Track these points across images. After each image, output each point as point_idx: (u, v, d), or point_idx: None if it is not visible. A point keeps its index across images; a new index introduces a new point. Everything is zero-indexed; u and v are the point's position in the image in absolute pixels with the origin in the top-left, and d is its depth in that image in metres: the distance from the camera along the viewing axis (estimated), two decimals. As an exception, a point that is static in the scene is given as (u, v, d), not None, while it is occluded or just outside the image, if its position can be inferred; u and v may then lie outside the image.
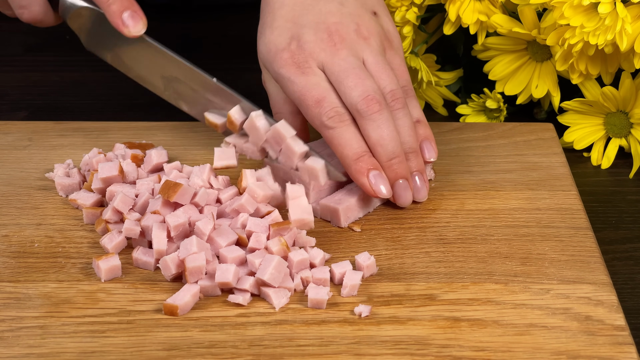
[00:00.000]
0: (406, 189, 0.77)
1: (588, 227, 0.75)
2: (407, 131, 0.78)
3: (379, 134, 0.76)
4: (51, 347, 0.64)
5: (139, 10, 0.80)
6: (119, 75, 0.92)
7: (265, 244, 0.70)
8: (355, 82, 0.77)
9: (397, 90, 0.78)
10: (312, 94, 0.77)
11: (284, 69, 0.79)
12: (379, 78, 0.79)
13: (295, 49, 0.79)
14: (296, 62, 0.78)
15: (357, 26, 0.80)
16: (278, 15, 0.81)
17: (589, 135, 0.89)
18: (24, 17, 0.82)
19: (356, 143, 0.77)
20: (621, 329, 0.65)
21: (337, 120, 0.77)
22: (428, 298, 0.68)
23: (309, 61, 0.78)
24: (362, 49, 0.79)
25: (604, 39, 0.81)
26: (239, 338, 0.64)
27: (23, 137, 0.87)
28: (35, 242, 0.73)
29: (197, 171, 0.77)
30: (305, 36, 0.79)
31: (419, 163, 0.78)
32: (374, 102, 0.76)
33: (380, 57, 0.79)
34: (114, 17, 0.79)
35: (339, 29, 0.79)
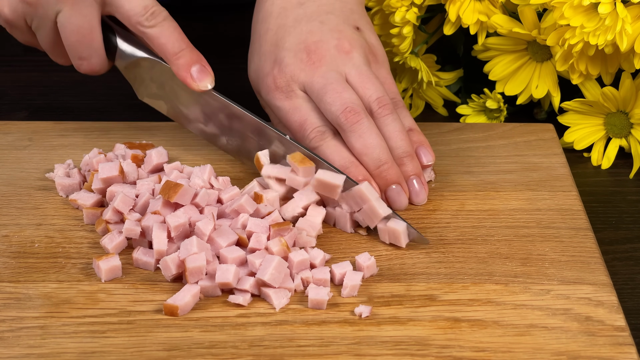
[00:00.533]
0: (399, 194, 0.77)
1: (588, 228, 0.75)
2: (398, 135, 0.78)
3: (362, 143, 0.76)
4: (51, 348, 0.64)
5: (207, 65, 0.80)
6: (119, 75, 0.92)
7: (265, 245, 0.70)
8: (332, 98, 0.77)
9: (384, 97, 0.78)
10: (295, 118, 0.79)
11: (269, 95, 0.80)
12: (364, 88, 0.79)
13: (277, 74, 0.80)
14: (279, 86, 0.79)
15: (338, 41, 0.80)
16: (263, 40, 0.82)
17: (589, 136, 0.89)
18: (82, 68, 0.82)
19: (338, 156, 0.77)
20: (621, 329, 0.65)
21: (318, 140, 0.77)
22: (428, 298, 0.68)
23: (291, 84, 0.79)
24: (344, 63, 0.79)
25: (604, 39, 0.81)
26: (239, 338, 0.64)
27: (23, 137, 0.87)
28: (35, 242, 0.73)
29: (197, 171, 0.77)
30: (286, 59, 0.80)
31: (415, 166, 0.78)
32: (352, 114, 0.76)
33: (364, 67, 0.80)
34: (182, 70, 0.79)
35: (318, 47, 0.80)
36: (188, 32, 0.86)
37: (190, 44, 0.80)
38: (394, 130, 0.78)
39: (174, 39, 0.79)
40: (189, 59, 0.79)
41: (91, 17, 0.79)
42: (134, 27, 0.79)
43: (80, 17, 0.78)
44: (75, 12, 0.78)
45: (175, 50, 0.79)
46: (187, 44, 0.80)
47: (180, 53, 0.79)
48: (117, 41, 0.81)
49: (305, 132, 0.78)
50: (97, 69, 0.82)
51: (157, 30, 0.79)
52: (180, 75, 0.79)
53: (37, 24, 0.81)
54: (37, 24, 0.81)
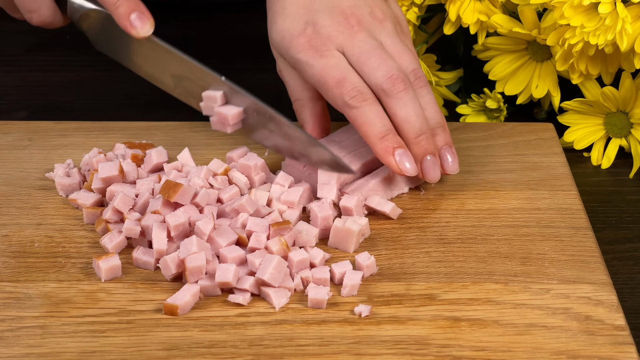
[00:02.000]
0: (435, 165, 0.78)
1: (588, 227, 0.75)
2: (433, 107, 0.79)
3: (406, 112, 0.77)
4: (51, 347, 0.64)
5: (145, 11, 0.80)
6: (119, 75, 0.92)
7: (265, 244, 0.70)
8: (378, 63, 0.77)
9: (419, 69, 0.79)
10: (333, 74, 0.77)
11: (302, 54, 0.79)
12: (400, 58, 0.79)
13: (311, 34, 0.79)
14: (314, 46, 0.78)
15: (371, 9, 0.80)
16: (288, 3, 0.81)
17: (589, 135, 0.89)
18: (34, 20, 0.82)
19: (380, 122, 0.77)
20: (621, 328, 0.65)
21: (359, 100, 0.77)
22: (428, 298, 0.68)
23: (327, 44, 0.78)
24: (379, 31, 0.80)
25: (604, 39, 0.81)
26: (239, 338, 0.64)
27: (23, 137, 0.87)
28: (35, 241, 0.73)
29: (195, 171, 0.77)
30: (321, 20, 0.79)
31: (446, 137, 0.79)
32: (399, 81, 0.77)
33: (397, 38, 0.80)
34: (122, 19, 0.79)
35: (354, 12, 0.80)
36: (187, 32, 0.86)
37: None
38: (429, 102, 0.79)
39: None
40: (127, 7, 0.79)
41: None
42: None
43: None
44: None
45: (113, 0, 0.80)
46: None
47: (119, 2, 0.79)
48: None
49: (344, 89, 0.77)
50: (49, 20, 0.82)
51: None
52: (121, 23, 0.79)
53: None
54: None
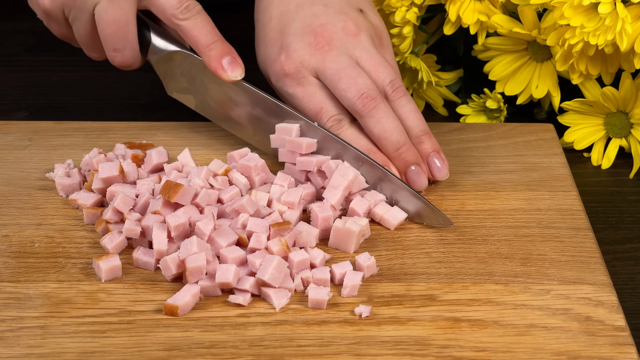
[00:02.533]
0: (419, 174, 0.78)
1: (588, 228, 0.75)
2: (414, 115, 0.79)
3: (380, 128, 0.77)
4: (51, 347, 0.64)
5: (237, 56, 0.81)
6: (119, 75, 0.92)
7: (265, 244, 0.70)
8: (347, 84, 0.78)
9: (397, 79, 0.80)
10: (310, 106, 0.79)
11: (280, 82, 0.81)
12: (376, 71, 0.80)
13: (284, 60, 0.80)
14: (288, 73, 0.80)
15: (344, 23, 0.80)
16: (268, 28, 0.82)
17: (589, 136, 0.89)
18: (116, 60, 0.83)
19: (357, 143, 0.78)
20: (621, 329, 0.65)
21: (336, 128, 0.78)
22: (428, 298, 0.68)
23: (301, 70, 0.80)
24: (353, 46, 0.80)
25: (604, 39, 0.81)
26: (240, 338, 0.64)
27: (23, 137, 0.87)
28: (35, 242, 0.73)
29: (196, 171, 0.77)
30: (293, 44, 0.80)
31: (433, 143, 0.80)
32: (368, 100, 0.77)
33: (373, 50, 0.80)
34: (214, 61, 0.80)
35: (325, 30, 0.80)
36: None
37: (221, 36, 0.82)
38: (410, 111, 0.80)
39: (207, 32, 0.81)
40: (220, 51, 0.81)
41: (127, 10, 0.81)
42: (169, 20, 0.81)
43: (117, 9, 0.80)
44: (112, 4, 0.80)
45: (208, 42, 0.81)
46: (218, 36, 0.81)
47: (212, 45, 0.81)
48: (151, 36, 0.83)
49: (321, 121, 0.79)
50: (130, 62, 0.84)
51: (190, 23, 0.81)
52: (212, 66, 0.81)
53: (75, 15, 0.82)
54: (74, 16, 0.82)
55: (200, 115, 0.88)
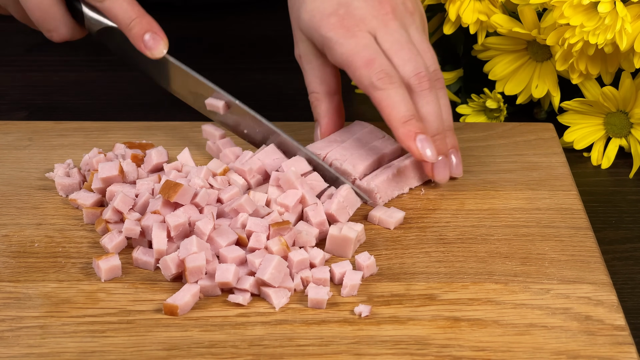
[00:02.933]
0: (445, 166, 0.78)
1: (588, 227, 0.75)
2: (447, 109, 0.80)
3: (427, 110, 0.78)
4: (51, 347, 0.64)
5: (159, 31, 0.81)
6: (119, 75, 0.92)
7: (265, 244, 0.70)
8: (409, 57, 0.78)
9: (439, 70, 0.80)
10: (363, 54, 0.77)
11: (332, 32, 0.78)
12: (425, 57, 0.80)
13: (344, 14, 0.79)
14: (346, 25, 0.78)
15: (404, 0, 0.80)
16: None
17: (589, 135, 0.89)
18: (54, 38, 0.84)
19: (405, 106, 0.77)
20: (621, 328, 0.65)
21: (387, 82, 0.77)
22: (428, 298, 0.68)
23: (360, 25, 0.78)
24: (410, 23, 0.80)
25: (603, 38, 0.81)
26: (239, 338, 0.64)
27: (23, 137, 0.87)
28: (35, 242, 0.73)
29: (195, 171, 0.77)
30: (355, 2, 0.79)
31: (454, 140, 0.80)
32: (425, 80, 0.78)
33: (424, 35, 0.81)
34: (136, 40, 0.80)
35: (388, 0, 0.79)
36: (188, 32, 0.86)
37: (141, 11, 0.81)
38: (445, 104, 0.80)
39: (124, 10, 0.80)
40: (140, 28, 0.80)
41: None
42: (89, 2, 0.81)
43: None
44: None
45: (127, 21, 0.80)
46: (137, 12, 0.81)
47: (132, 23, 0.80)
48: (83, 9, 0.83)
49: (373, 70, 0.77)
50: (68, 36, 0.84)
51: (107, 4, 0.81)
52: (136, 44, 0.81)
53: (5, 2, 0.84)
54: (4, 3, 0.84)
55: (200, 116, 0.89)
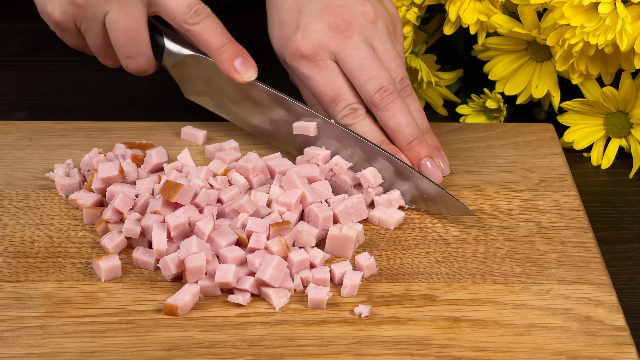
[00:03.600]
0: (433, 167, 0.79)
1: (588, 228, 0.75)
2: (419, 114, 0.81)
3: (395, 122, 0.79)
4: (51, 347, 0.64)
5: (249, 57, 0.82)
6: (119, 75, 0.92)
7: (265, 244, 0.70)
8: (369, 75, 0.78)
9: (406, 77, 0.81)
10: (327, 91, 0.79)
11: (295, 62, 0.80)
12: (391, 65, 0.80)
13: (300, 39, 0.80)
14: (305, 53, 0.79)
15: (363, 8, 0.81)
16: (283, 9, 0.82)
17: (589, 136, 0.89)
18: (130, 67, 0.84)
19: (372, 134, 0.79)
20: (621, 329, 0.65)
21: (352, 117, 0.79)
22: (428, 298, 0.68)
23: (320, 53, 0.79)
24: (371, 34, 0.80)
25: (604, 39, 0.81)
26: (239, 338, 0.64)
27: (23, 137, 0.87)
28: (35, 242, 0.73)
29: (195, 171, 0.77)
30: (311, 25, 0.80)
31: (434, 140, 0.81)
32: (387, 94, 0.78)
33: (389, 43, 0.81)
34: (226, 64, 0.81)
35: (345, 13, 0.80)
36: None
37: (232, 38, 0.82)
38: (415, 109, 0.81)
39: (217, 35, 0.81)
40: (231, 53, 0.81)
41: (138, 17, 0.81)
42: (179, 25, 0.82)
43: (127, 17, 0.81)
44: (122, 12, 0.81)
45: (219, 45, 0.81)
46: (229, 38, 0.82)
47: (223, 47, 0.81)
48: (164, 41, 0.84)
49: (337, 107, 0.79)
50: (145, 68, 0.84)
51: (200, 27, 0.81)
52: (224, 68, 0.81)
53: (86, 25, 0.83)
54: (86, 26, 0.83)
55: (200, 116, 0.89)
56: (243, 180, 0.77)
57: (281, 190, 0.76)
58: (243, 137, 0.86)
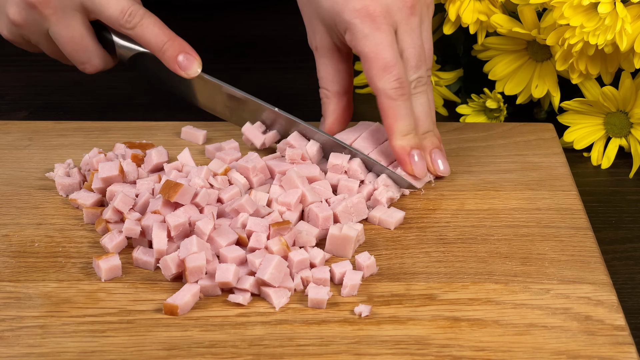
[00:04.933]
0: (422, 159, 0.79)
1: (588, 227, 0.75)
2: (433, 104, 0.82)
3: (420, 111, 0.79)
4: (51, 347, 0.64)
5: (192, 52, 0.83)
6: (119, 75, 0.92)
7: (265, 244, 0.70)
8: (417, 63, 0.79)
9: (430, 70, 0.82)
10: (384, 56, 0.77)
11: (358, 19, 0.77)
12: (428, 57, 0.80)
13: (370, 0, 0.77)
14: (371, 13, 0.77)
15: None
16: None
17: (589, 135, 0.89)
18: (87, 71, 0.87)
19: (408, 120, 0.78)
20: (621, 328, 0.65)
21: (399, 93, 0.77)
22: (428, 298, 0.68)
23: (387, 17, 0.78)
24: (425, 19, 0.80)
25: (603, 38, 0.81)
26: (239, 338, 0.64)
27: (23, 137, 0.87)
28: (35, 241, 0.74)
29: (195, 171, 0.77)
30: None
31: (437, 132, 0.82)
32: (422, 82, 0.79)
33: (430, 32, 0.81)
34: (170, 62, 0.82)
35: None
36: (188, 32, 0.86)
37: (172, 34, 0.83)
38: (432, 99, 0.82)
39: (155, 34, 0.82)
40: (172, 51, 0.82)
41: (78, 26, 0.84)
42: (119, 29, 0.84)
43: (67, 28, 0.83)
44: (61, 25, 0.83)
45: (159, 45, 0.82)
46: (168, 35, 0.83)
47: (164, 47, 0.82)
48: (114, 38, 0.85)
49: (389, 77, 0.77)
50: (101, 67, 0.86)
51: (138, 30, 0.83)
52: (170, 66, 0.83)
53: (35, 39, 0.86)
54: (35, 40, 0.86)
55: (200, 116, 0.89)
56: (243, 180, 0.77)
57: (281, 190, 0.76)
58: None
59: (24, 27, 0.84)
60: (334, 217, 0.74)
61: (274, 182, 0.77)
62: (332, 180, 0.78)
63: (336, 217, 0.74)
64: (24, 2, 0.82)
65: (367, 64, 0.78)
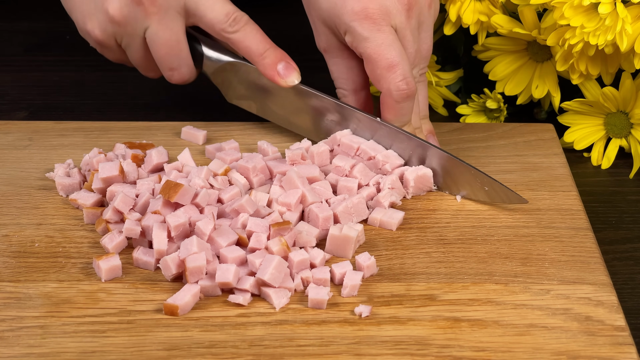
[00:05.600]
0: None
1: (588, 228, 0.75)
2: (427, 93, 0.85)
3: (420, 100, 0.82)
4: (51, 347, 0.64)
5: (291, 61, 0.82)
6: (119, 75, 0.92)
7: (265, 244, 0.70)
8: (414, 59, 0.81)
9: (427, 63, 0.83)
10: (387, 55, 0.78)
11: (357, 22, 0.78)
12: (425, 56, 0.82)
13: (368, 2, 0.78)
14: (370, 15, 0.78)
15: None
16: None
17: (589, 136, 0.89)
18: (173, 78, 0.86)
19: (408, 117, 0.80)
20: (621, 329, 0.65)
21: (405, 95, 0.78)
22: (428, 298, 0.68)
23: (386, 19, 0.78)
24: (424, 19, 0.81)
25: (604, 39, 0.81)
26: (239, 338, 0.64)
27: (23, 137, 0.87)
28: (35, 242, 0.73)
29: (196, 171, 0.77)
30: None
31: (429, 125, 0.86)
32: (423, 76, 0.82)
33: (431, 31, 0.82)
34: (269, 69, 0.82)
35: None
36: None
37: (272, 43, 0.83)
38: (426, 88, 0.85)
39: (258, 41, 0.82)
40: (273, 58, 0.82)
41: (177, 30, 0.83)
42: (218, 34, 0.83)
43: (167, 30, 0.82)
44: (162, 26, 0.82)
45: (260, 51, 0.82)
46: (270, 43, 0.82)
47: (265, 53, 0.82)
48: (203, 49, 0.85)
49: (394, 76, 0.78)
50: (187, 77, 0.86)
51: (240, 35, 0.82)
52: (268, 74, 0.82)
53: (127, 41, 0.84)
54: (126, 42, 0.85)
55: (200, 116, 0.89)
56: (243, 180, 0.77)
57: (281, 190, 0.76)
58: (244, 137, 0.86)
59: (122, 25, 0.83)
60: (334, 217, 0.74)
61: (274, 183, 0.77)
62: (332, 180, 0.78)
63: (336, 218, 0.74)
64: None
65: (370, 65, 0.78)
